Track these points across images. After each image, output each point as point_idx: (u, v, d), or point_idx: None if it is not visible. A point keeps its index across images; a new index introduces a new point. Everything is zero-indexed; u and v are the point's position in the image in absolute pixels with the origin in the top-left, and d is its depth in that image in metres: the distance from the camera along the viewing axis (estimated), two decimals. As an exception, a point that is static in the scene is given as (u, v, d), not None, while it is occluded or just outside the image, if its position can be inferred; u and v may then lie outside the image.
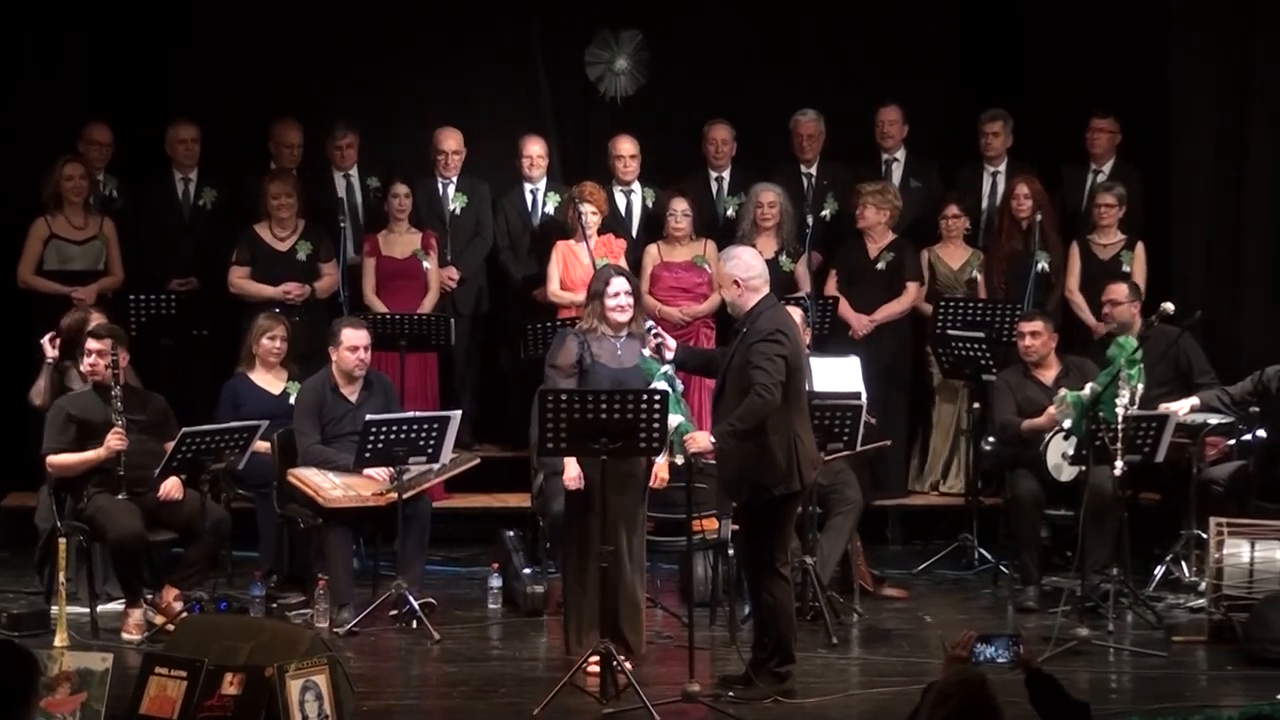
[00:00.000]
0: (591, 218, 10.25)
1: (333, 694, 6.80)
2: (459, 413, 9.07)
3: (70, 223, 10.34)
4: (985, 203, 11.11)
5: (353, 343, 9.09)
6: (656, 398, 7.45)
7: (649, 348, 7.87)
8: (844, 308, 10.67)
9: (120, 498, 8.52)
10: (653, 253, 10.68)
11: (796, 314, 8.65)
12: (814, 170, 11.17)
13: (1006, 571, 9.69)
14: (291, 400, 9.32)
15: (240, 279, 10.40)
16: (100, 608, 8.75)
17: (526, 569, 9.27)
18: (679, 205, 10.59)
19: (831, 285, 10.75)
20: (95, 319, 9.13)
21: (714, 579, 8.92)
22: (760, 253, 8.18)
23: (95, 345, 8.71)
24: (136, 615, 8.57)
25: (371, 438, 8.68)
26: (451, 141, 10.84)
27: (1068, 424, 8.84)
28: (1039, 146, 11.20)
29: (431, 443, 8.75)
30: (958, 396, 10.72)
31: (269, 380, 9.60)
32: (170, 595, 8.68)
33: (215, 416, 9.33)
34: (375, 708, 7.46)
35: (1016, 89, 11.41)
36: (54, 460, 8.67)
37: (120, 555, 8.57)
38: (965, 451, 10.43)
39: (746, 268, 7.62)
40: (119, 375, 8.58)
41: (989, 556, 9.99)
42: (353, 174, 10.94)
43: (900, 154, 11.19)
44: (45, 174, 10.28)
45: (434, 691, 7.95)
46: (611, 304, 8.02)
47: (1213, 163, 10.99)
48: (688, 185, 10.94)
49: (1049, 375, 9.55)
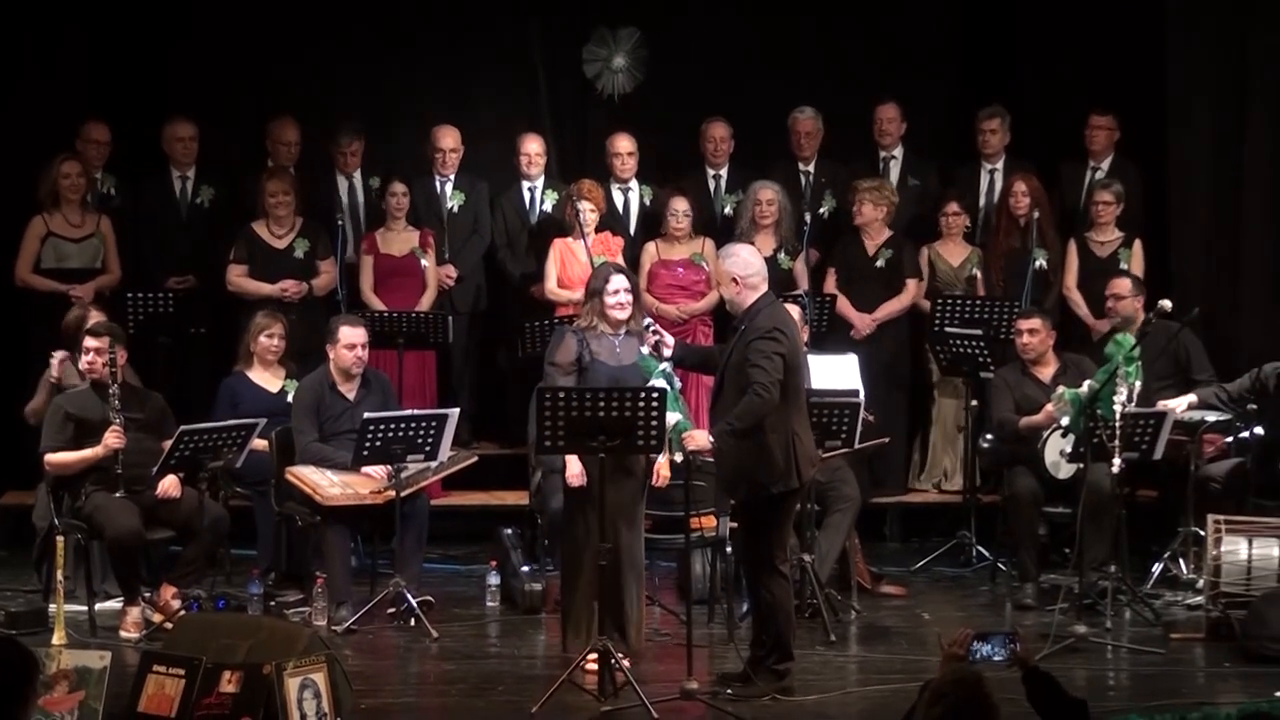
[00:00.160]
0: (589, 215, 10.23)
1: (331, 692, 6.80)
2: (457, 410, 9.07)
3: (67, 221, 10.34)
4: (983, 200, 11.11)
5: (350, 340, 9.09)
6: (654, 395, 7.45)
7: (647, 345, 7.86)
8: (845, 306, 10.67)
9: (118, 496, 8.52)
10: (651, 250, 10.67)
11: (795, 312, 8.64)
12: (812, 168, 11.17)
13: (1004, 569, 9.69)
14: (289, 398, 9.31)
15: (238, 277, 10.40)
16: (98, 606, 8.74)
17: (524, 567, 9.26)
18: (680, 205, 10.57)
19: (830, 283, 10.75)
20: (93, 317, 9.13)
21: (712, 576, 8.91)
22: (758, 250, 8.18)
23: (93, 343, 8.70)
24: (134, 613, 8.57)
25: (369, 436, 8.68)
26: (449, 139, 10.84)
27: (1066, 421, 8.84)
28: (1037, 144, 11.20)
29: (429, 440, 8.74)
30: (959, 393, 10.71)
31: (267, 378, 9.59)
32: (168, 593, 8.68)
33: (213, 414, 9.31)
34: (373, 706, 7.46)
35: (1014, 86, 11.40)
36: (52, 458, 8.67)
37: (118, 553, 8.57)
38: (964, 449, 10.43)
39: (745, 265, 7.61)
40: (117, 373, 8.58)
41: (987, 554, 9.99)
42: (356, 178, 10.93)
43: (898, 151, 11.18)
44: (43, 172, 10.28)
45: (432, 689, 7.95)
46: (611, 302, 8.01)
47: (1211, 160, 10.98)
48: (685, 183, 10.93)
49: (1047, 373, 9.55)
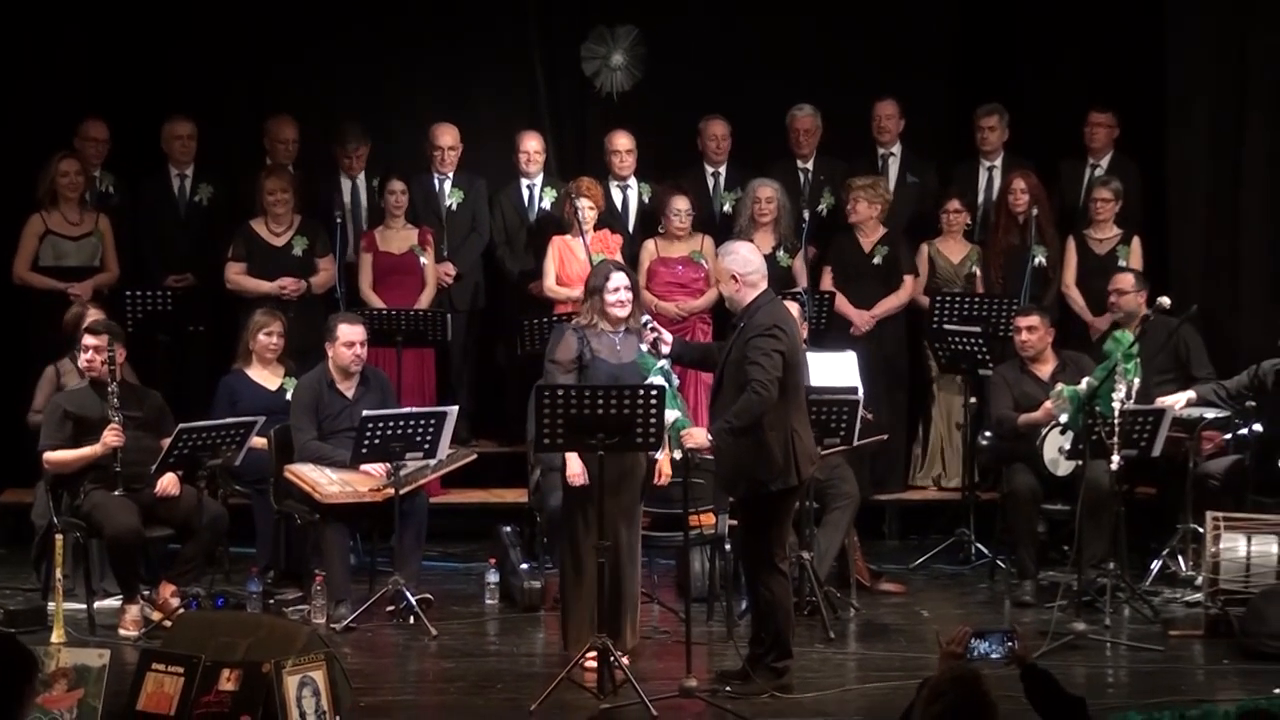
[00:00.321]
0: (588, 213, 10.23)
1: (330, 690, 6.80)
2: (456, 408, 9.07)
3: (66, 219, 10.33)
4: (981, 198, 11.11)
5: (349, 338, 9.08)
6: (653, 393, 7.44)
7: (645, 343, 7.86)
8: (843, 304, 10.65)
9: (117, 494, 8.52)
10: (650, 248, 10.66)
11: (794, 309, 8.63)
12: (810, 165, 11.16)
13: (1003, 566, 9.69)
14: (288, 396, 9.31)
15: (236, 275, 10.39)
16: (97, 604, 8.75)
17: (523, 564, 9.26)
18: (681, 204, 10.56)
19: (826, 280, 10.73)
20: (92, 315, 9.12)
21: (711, 574, 8.91)
22: (758, 248, 8.18)
23: (92, 341, 8.69)
24: (133, 611, 8.57)
25: (368, 433, 8.68)
26: (448, 137, 10.83)
27: (1064, 418, 8.84)
28: (1035, 141, 11.19)
29: (428, 438, 8.74)
30: (959, 390, 10.71)
31: (266, 376, 9.59)
32: (167, 591, 8.68)
33: (212, 412, 9.31)
34: (372, 703, 7.46)
35: (1013, 84, 11.39)
36: (51, 457, 8.66)
37: (117, 551, 8.57)
38: (962, 446, 10.43)
39: (744, 263, 7.61)
40: (116, 371, 8.57)
41: (986, 551, 9.99)
42: (360, 179, 10.92)
43: (896, 149, 11.17)
44: (41, 170, 10.28)
45: (431, 687, 7.95)
46: (611, 299, 7.99)
47: (1210, 159, 10.98)
48: (684, 181, 10.93)
49: (1045, 370, 9.55)
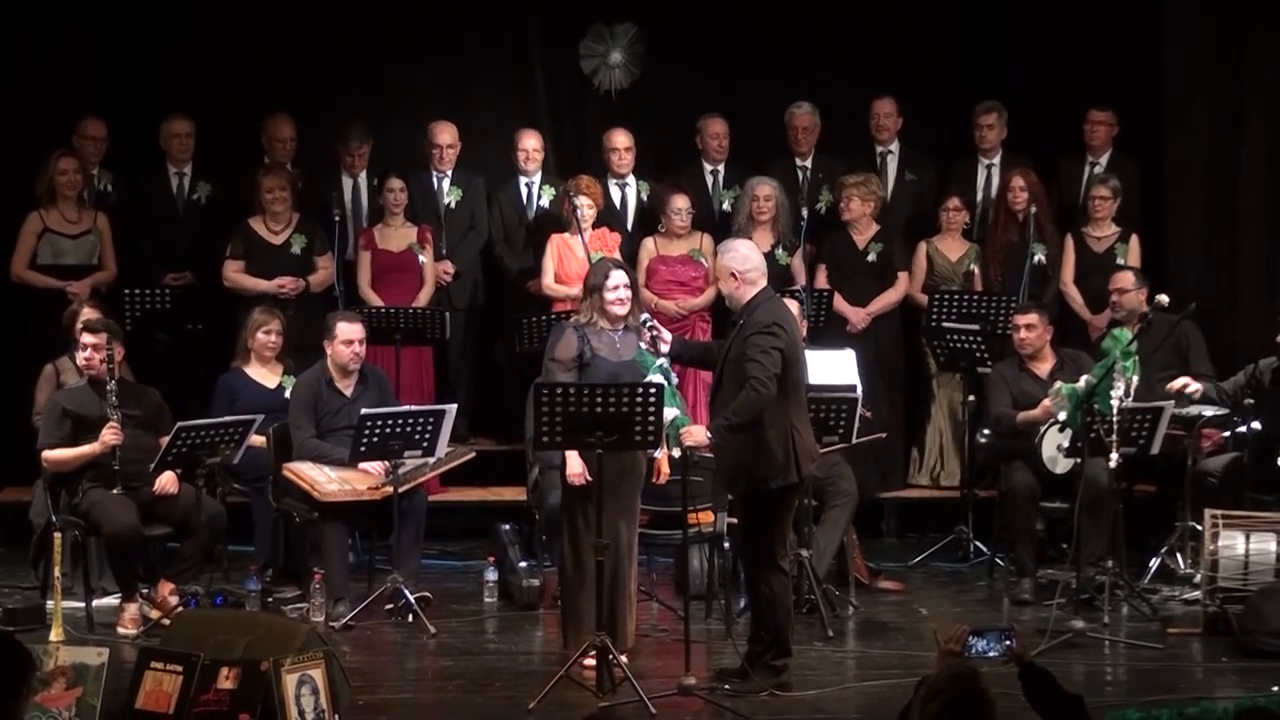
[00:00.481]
0: (587, 211, 10.22)
1: (328, 688, 6.79)
2: (454, 406, 9.07)
3: (64, 217, 10.32)
4: (980, 195, 11.10)
5: (347, 336, 9.08)
6: (652, 391, 7.44)
7: (644, 341, 7.85)
8: (839, 302, 10.63)
9: (116, 492, 8.52)
10: (649, 247, 10.65)
11: (793, 306, 8.63)
12: (809, 163, 11.16)
13: (1002, 564, 9.69)
14: (287, 394, 9.31)
15: (234, 273, 10.39)
16: (96, 602, 8.74)
17: (522, 562, 9.26)
18: (681, 202, 10.55)
19: (821, 278, 10.70)
20: (90, 313, 9.11)
21: (710, 572, 8.91)
22: (756, 246, 8.17)
23: (90, 339, 8.68)
24: (132, 610, 8.57)
25: (367, 431, 8.67)
26: (446, 135, 10.82)
27: (1063, 416, 8.84)
28: (1034, 139, 11.19)
29: (427, 436, 8.74)
30: (957, 389, 10.71)
31: (264, 374, 9.59)
32: (166, 590, 8.68)
33: (210, 411, 9.31)
34: (371, 702, 7.46)
35: (1011, 82, 11.39)
36: (49, 455, 8.66)
37: (115, 550, 8.57)
38: (961, 444, 10.42)
39: (743, 260, 7.60)
40: (114, 370, 8.56)
41: (984, 549, 9.99)
42: (361, 178, 10.91)
43: (895, 146, 11.17)
44: (39, 168, 10.27)
45: (430, 685, 7.95)
46: (610, 297, 7.98)
47: (1209, 156, 10.99)
48: (683, 179, 10.92)
49: (1044, 368, 9.55)
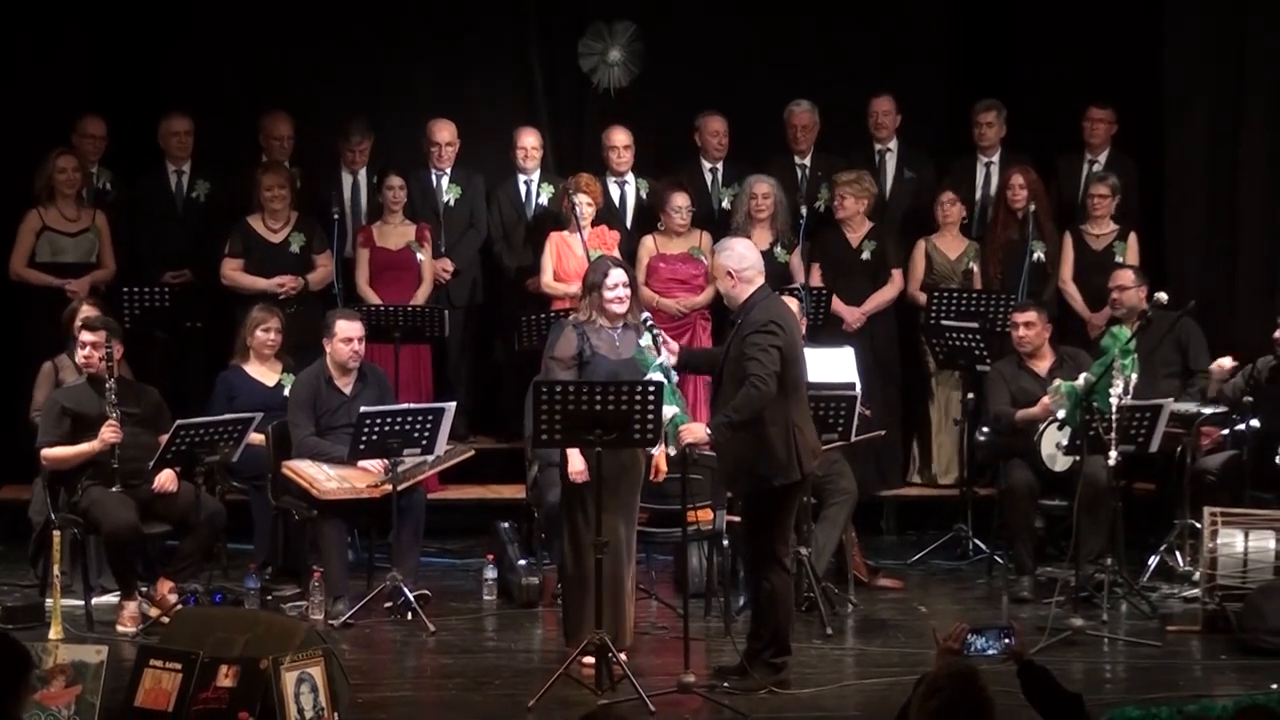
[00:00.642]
0: (586, 209, 10.22)
1: (328, 686, 6.79)
2: (453, 404, 9.07)
3: (63, 215, 10.31)
4: (979, 193, 11.10)
5: (347, 334, 9.08)
6: (651, 389, 7.44)
7: (644, 338, 7.83)
8: (834, 302, 10.61)
9: (115, 490, 8.51)
10: (649, 245, 10.64)
11: (793, 304, 8.62)
12: (808, 161, 11.15)
13: (1001, 562, 9.69)
14: (286, 392, 9.31)
15: (233, 271, 10.38)
16: (95, 600, 8.74)
17: (521, 560, 9.26)
18: (681, 200, 10.54)
19: (815, 277, 10.67)
20: (89, 311, 9.11)
21: (709, 570, 8.91)
22: (755, 244, 8.16)
23: (89, 337, 8.68)
24: (131, 608, 8.57)
25: (366, 430, 8.67)
26: (445, 133, 10.82)
27: (1062, 414, 8.84)
28: (1032, 137, 11.19)
29: (426, 434, 8.75)
30: (956, 386, 10.71)
31: (263, 372, 9.59)
32: (165, 588, 8.68)
33: (209, 409, 9.32)
34: (370, 699, 7.46)
35: (1010, 79, 11.39)
36: (48, 453, 8.66)
37: (115, 548, 8.57)
38: (960, 442, 10.43)
39: (740, 259, 7.59)
40: (113, 368, 8.56)
41: (983, 547, 9.99)
42: (361, 175, 10.91)
43: (893, 144, 11.17)
44: (38, 166, 10.26)
45: (429, 683, 7.95)
46: (610, 296, 7.96)
47: (1208, 155, 10.99)
48: (682, 176, 10.91)
49: (1043, 366, 9.54)
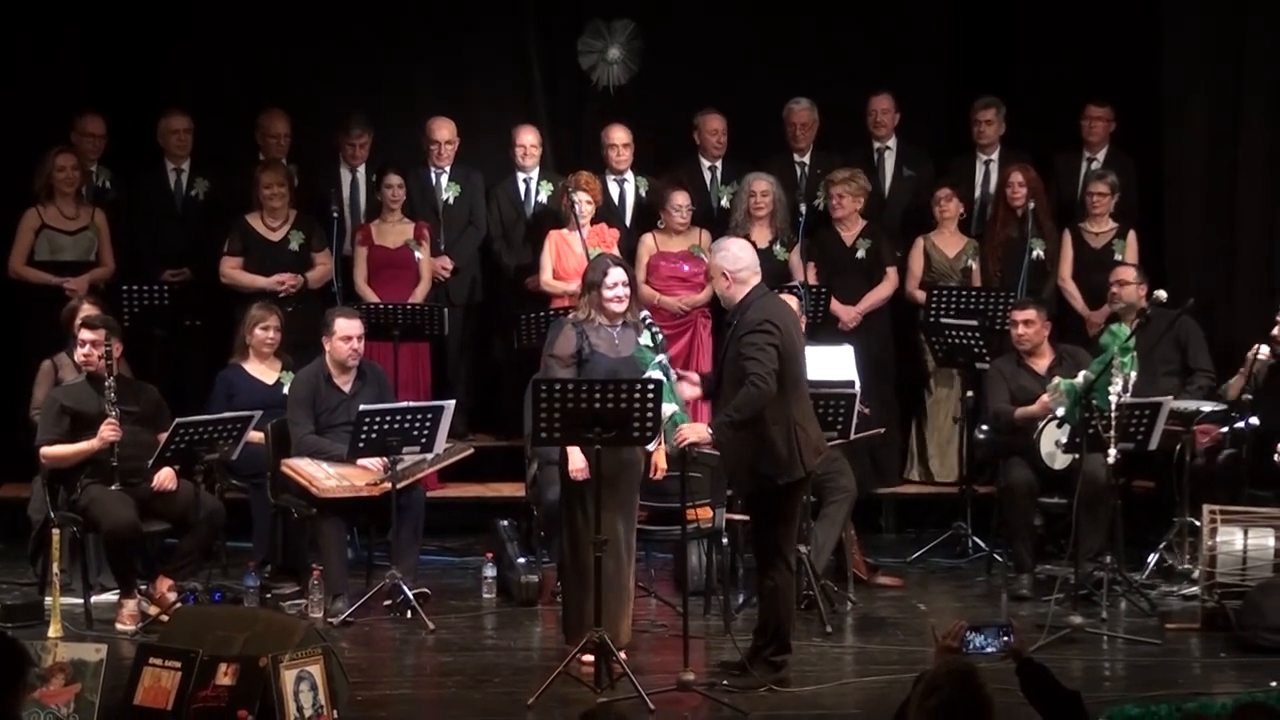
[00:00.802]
0: (586, 207, 10.22)
1: (327, 684, 6.80)
2: (453, 402, 9.07)
3: (62, 213, 10.31)
4: (978, 191, 11.10)
5: (346, 332, 9.08)
6: (650, 387, 7.44)
7: (643, 336, 7.84)
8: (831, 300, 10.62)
9: (114, 488, 8.51)
10: (649, 243, 10.64)
11: (793, 302, 8.61)
12: (807, 159, 11.15)
13: (1000, 560, 9.69)
14: (285, 390, 9.31)
15: (232, 269, 10.38)
16: (94, 599, 8.74)
17: (521, 558, 9.26)
18: (681, 199, 10.54)
19: (810, 276, 10.64)
20: (88, 310, 9.11)
21: (708, 568, 8.91)
22: (754, 242, 8.17)
23: (89, 335, 8.68)
24: (130, 606, 8.57)
25: (365, 428, 8.68)
26: (444, 131, 10.81)
27: (1061, 412, 8.84)
28: (1031, 135, 11.19)
29: (425, 432, 8.75)
30: (953, 384, 10.72)
31: (263, 370, 9.59)
32: (164, 586, 8.68)
33: (209, 407, 9.32)
34: (370, 698, 7.46)
35: (1009, 77, 11.39)
36: (47, 451, 8.66)
37: (114, 546, 8.57)
38: (959, 440, 10.43)
39: (734, 260, 7.58)
40: (112, 366, 8.56)
41: (983, 545, 9.99)
42: (360, 172, 10.90)
43: (892, 142, 11.16)
44: (38, 165, 10.26)
45: (428, 681, 7.95)
46: (609, 295, 7.95)
47: (1207, 154, 10.98)
48: (681, 175, 10.91)
49: (1042, 364, 9.54)
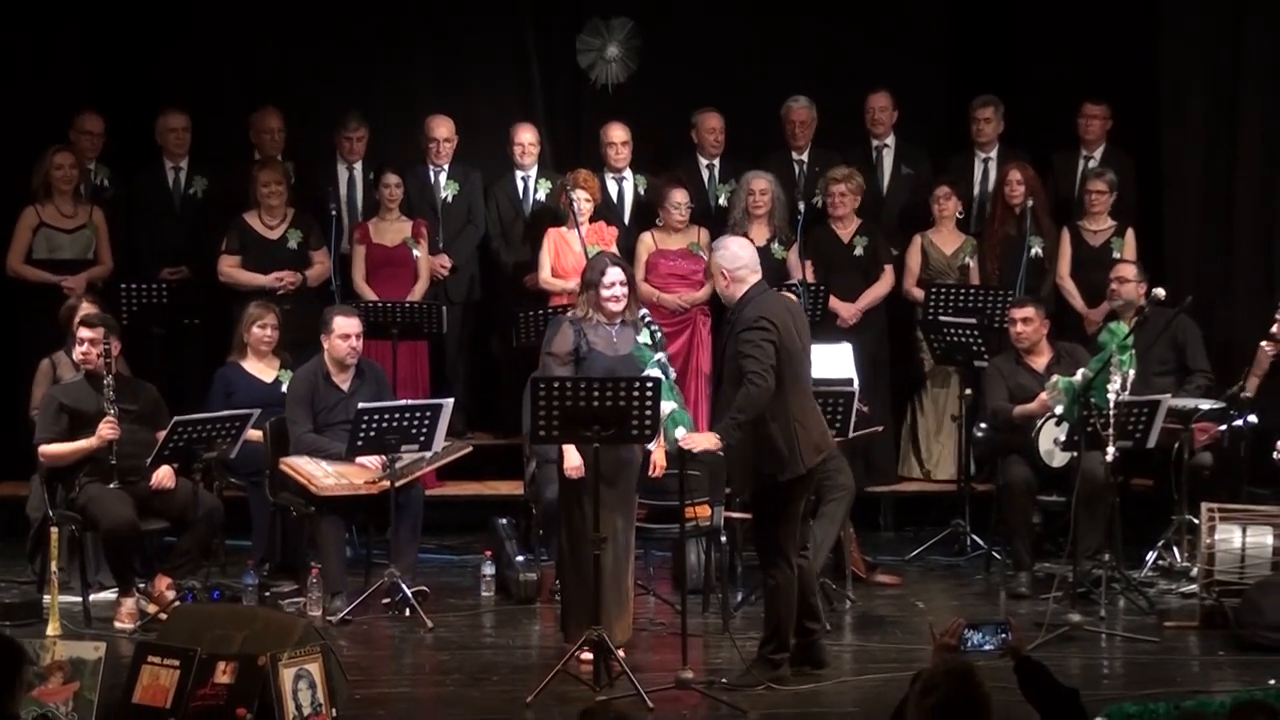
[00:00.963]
0: (584, 205, 10.22)
1: (326, 682, 6.79)
2: (451, 401, 9.07)
3: (60, 212, 10.30)
4: (977, 189, 11.10)
5: (344, 331, 9.08)
6: (649, 385, 7.44)
7: (642, 335, 7.84)
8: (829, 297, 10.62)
9: (112, 487, 8.51)
10: (648, 241, 10.64)
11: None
12: (805, 157, 11.15)
13: (999, 557, 9.69)
14: (284, 389, 9.31)
15: (230, 268, 10.38)
16: (93, 597, 8.74)
17: (519, 556, 9.26)
18: (680, 197, 10.54)
19: (809, 274, 10.64)
20: (86, 308, 9.11)
21: (707, 566, 8.91)
22: (752, 241, 8.15)
23: (87, 334, 8.68)
24: (129, 604, 8.57)
25: (364, 426, 8.67)
26: (443, 129, 10.81)
27: (1059, 410, 8.83)
28: (1031, 134, 11.19)
29: (424, 430, 8.75)
30: (949, 382, 10.73)
31: (261, 369, 9.59)
32: (163, 584, 8.68)
33: (207, 405, 9.33)
34: (368, 696, 7.46)
35: (1008, 76, 11.39)
36: (46, 450, 8.66)
37: (112, 544, 8.57)
38: (958, 438, 10.43)
39: (733, 258, 7.58)
40: (111, 364, 8.56)
41: (981, 542, 10.00)
42: (357, 168, 10.89)
43: (890, 140, 11.17)
44: (35, 163, 10.26)
45: (427, 679, 7.95)
46: (607, 294, 7.94)
47: (1205, 152, 10.99)
48: (679, 173, 10.91)
49: (1041, 361, 9.54)
